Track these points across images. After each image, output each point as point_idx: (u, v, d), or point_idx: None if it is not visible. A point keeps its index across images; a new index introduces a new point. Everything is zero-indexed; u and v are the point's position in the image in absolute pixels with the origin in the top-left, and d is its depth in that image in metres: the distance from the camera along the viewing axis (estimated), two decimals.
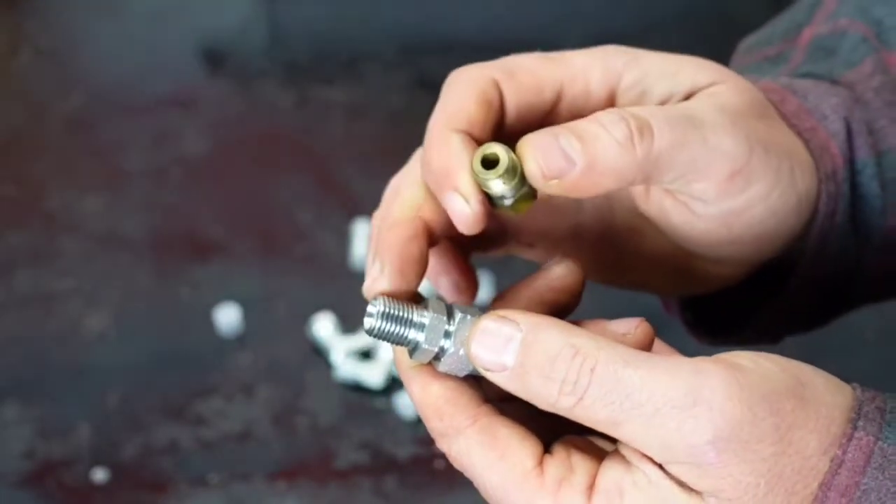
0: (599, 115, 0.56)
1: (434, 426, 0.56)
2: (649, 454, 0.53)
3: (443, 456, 0.57)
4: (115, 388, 1.27)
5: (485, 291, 1.27)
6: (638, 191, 0.62)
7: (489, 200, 0.56)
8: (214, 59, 1.72)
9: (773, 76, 0.68)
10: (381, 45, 1.73)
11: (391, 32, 1.77)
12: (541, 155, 0.55)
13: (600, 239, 0.64)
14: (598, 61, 0.60)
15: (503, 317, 0.54)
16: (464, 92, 0.58)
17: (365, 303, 0.58)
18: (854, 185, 0.65)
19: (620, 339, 0.55)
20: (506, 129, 0.59)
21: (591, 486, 0.54)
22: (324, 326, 1.28)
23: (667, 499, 0.53)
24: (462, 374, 0.56)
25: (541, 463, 0.55)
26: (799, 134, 0.63)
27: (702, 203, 0.59)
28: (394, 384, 1.25)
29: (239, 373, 1.28)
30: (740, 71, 0.67)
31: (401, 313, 0.55)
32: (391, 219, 0.57)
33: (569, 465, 0.54)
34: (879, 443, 0.53)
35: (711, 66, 0.62)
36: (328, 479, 1.18)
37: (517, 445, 0.55)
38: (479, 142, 0.57)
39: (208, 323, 1.32)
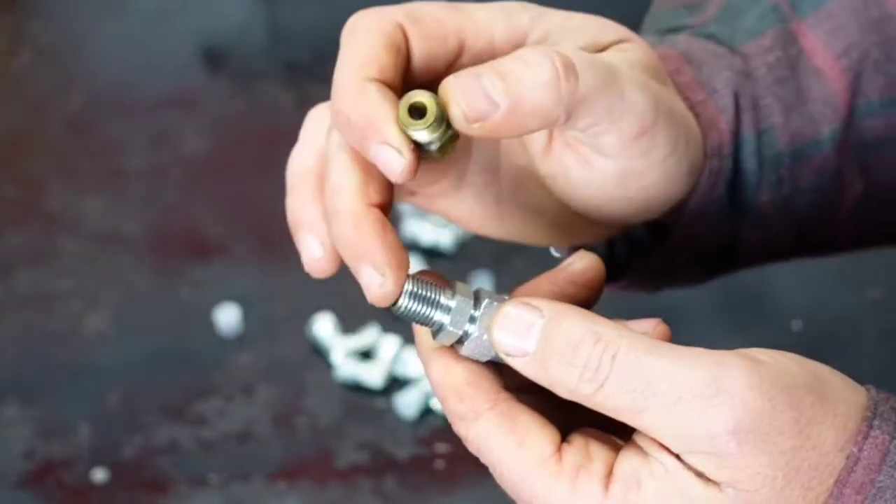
0: (524, 52, 0.55)
1: (453, 408, 0.55)
2: (668, 444, 0.53)
3: (443, 456, 0.57)
4: (115, 388, 1.27)
5: None
6: (538, 144, 0.61)
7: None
8: (214, 59, 1.72)
9: (673, 38, 0.68)
10: None
11: None
12: (464, 98, 0.53)
13: (483, 191, 0.62)
14: (503, 16, 0.59)
15: (527, 303, 0.54)
16: (371, 38, 0.57)
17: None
18: (735, 160, 0.66)
19: None
20: (412, 76, 0.58)
21: (609, 475, 0.54)
22: (324, 326, 1.28)
23: (684, 488, 0.52)
24: (484, 359, 0.56)
25: (559, 450, 0.54)
26: (691, 107, 0.64)
27: (604, 158, 0.59)
28: (394, 384, 1.25)
29: (239, 373, 1.28)
30: (659, 10, 0.67)
31: (429, 294, 0.55)
32: (347, 213, 0.55)
33: (587, 453, 0.54)
34: (895, 441, 0.53)
35: (616, 25, 0.61)
36: (328, 479, 1.18)
37: (537, 432, 0.55)
38: (390, 88, 0.56)
39: (208, 323, 1.32)
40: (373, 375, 1.25)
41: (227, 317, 1.31)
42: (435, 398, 1.22)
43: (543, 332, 0.54)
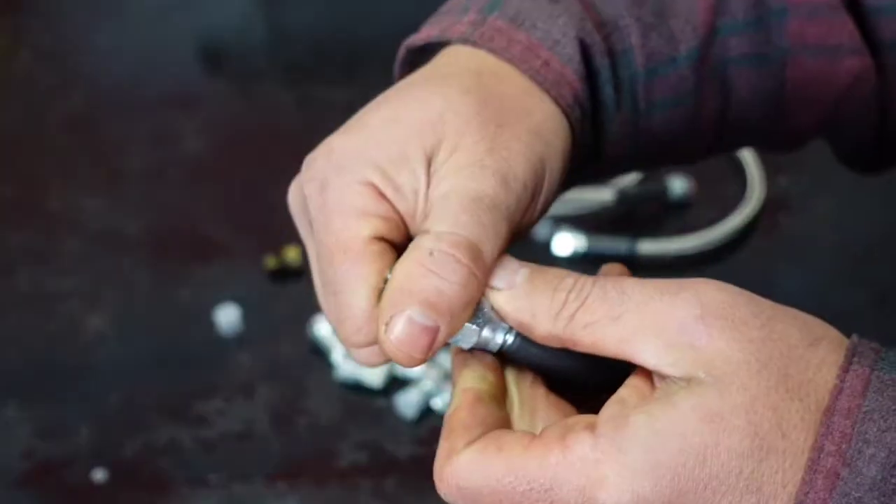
0: (424, 259, 0.58)
1: (440, 444, 0.59)
2: (644, 345, 0.56)
3: None
4: (115, 388, 1.27)
5: None
6: None
7: None
8: (214, 58, 1.72)
9: (503, 3, 0.70)
10: (381, 45, 1.73)
11: (391, 32, 1.77)
12: (412, 347, 0.58)
13: None
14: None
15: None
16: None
17: None
18: (592, 88, 0.70)
19: None
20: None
21: (593, 425, 0.56)
22: (324, 326, 1.28)
23: (669, 403, 0.54)
24: (468, 343, 0.58)
25: (538, 436, 0.57)
26: (532, 76, 0.67)
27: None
28: (394, 384, 1.25)
29: (239, 373, 1.28)
30: None
31: None
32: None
33: (564, 424, 0.57)
34: (875, 372, 0.55)
35: (425, 140, 0.64)
36: (328, 479, 1.18)
37: (510, 435, 0.57)
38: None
39: (208, 323, 1.32)
40: (373, 375, 1.25)
41: (227, 317, 1.31)
42: (435, 399, 1.23)
43: (532, 272, 0.59)
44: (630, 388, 0.57)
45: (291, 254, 1.35)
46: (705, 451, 0.53)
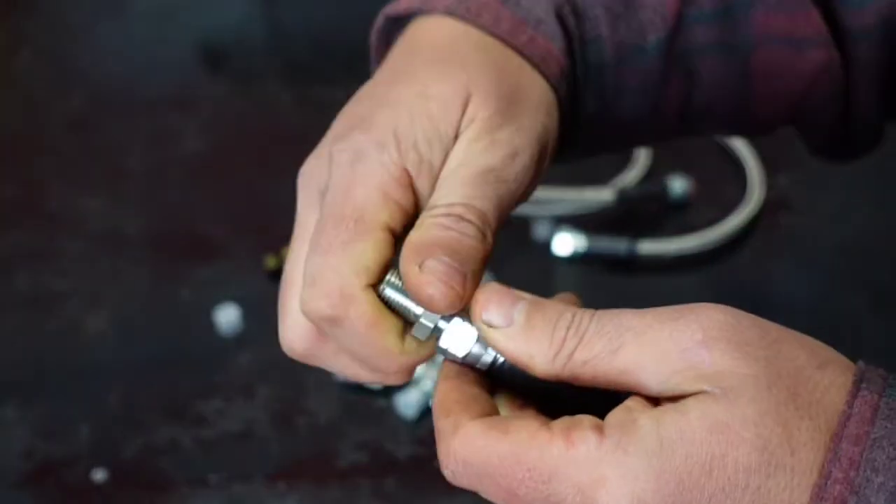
0: (441, 220, 0.60)
1: (441, 424, 0.57)
2: (646, 375, 0.55)
3: None
4: (115, 388, 1.27)
5: None
6: None
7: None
8: (214, 58, 1.72)
9: None
10: None
11: None
12: (449, 281, 0.58)
13: None
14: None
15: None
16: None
17: None
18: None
19: None
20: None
21: (601, 427, 0.55)
22: None
23: (677, 409, 0.54)
24: (461, 351, 0.57)
25: (545, 425, 0.56)
26: (519, 51, 0.68)
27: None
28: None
29: (239, 373, 1.28)
30: None
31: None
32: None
33: (573, 420, 0.56)
34: (884, 398, 0.54)
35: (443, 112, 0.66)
36: (328, 479, 1.18)
37: (518, 420, 0.57)
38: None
39: (208, 323, 1.32)
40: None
41: (227, 317, 1.31)
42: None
43: (530, 309, 0.58)
44: (635, 400, 0.56)
45: None
46: (712, 462, 0.53)
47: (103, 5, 1.82)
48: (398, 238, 0.62)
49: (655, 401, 0.56)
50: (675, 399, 0.54)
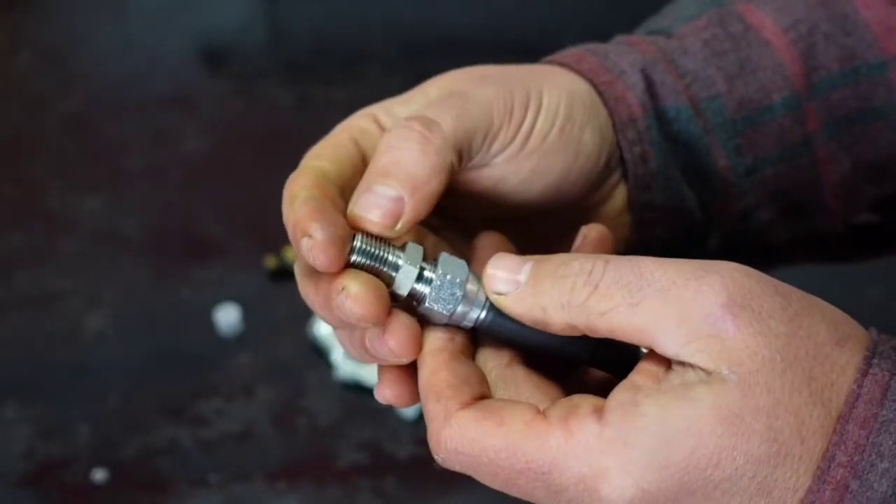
0: (387, 138, 0.58)
1: (431, 408, 0.56)
2: (666, 335, 0.53)
3: None
4: (115, 388, 1.27)
5: None
6: (464, 179, 0.64)
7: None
8: (214, 58, 1.72)
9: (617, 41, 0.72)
10: (381, 45, 1.73)
11: (391, 32, 1.77)
12: (374, 211, 0.56)
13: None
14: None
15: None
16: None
17: None
18: (672, 132, 0.68)
19: None
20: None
21: (600, 410, 0.53)
22: (324, 326, 1.28)
23: (685, 394, 0.52)
24: (446, 312, 0.56)
25: (541, 412, 0.54)
26: (594, 87, 0.66)
27: (505, 163, 0.62)
28: None
29: (239, 373, 1.28)
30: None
31: (378, 250, 0.57)
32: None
33: (571, 404, 0.54)
34: (895, 377, 0.53)
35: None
36: (328, 479, 1.18)
37: (512, 407, 0.55)
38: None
39: (208, 323, 1.32)
40: (373, 375, 1.25)
41: (227, 317, 1.31)
42: None
43: (535, 265, 0.56)
44: (643, 374, 0.54)
45: (291, 254, 1.35)
46: (720, 454, 0.51)
47: (103, 5, 1.82)
48: None
49: (665, 363, 0.54)
50: (685, 365, 0.53)
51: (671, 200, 0.68)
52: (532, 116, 0.62)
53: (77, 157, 1.56)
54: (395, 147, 0.58)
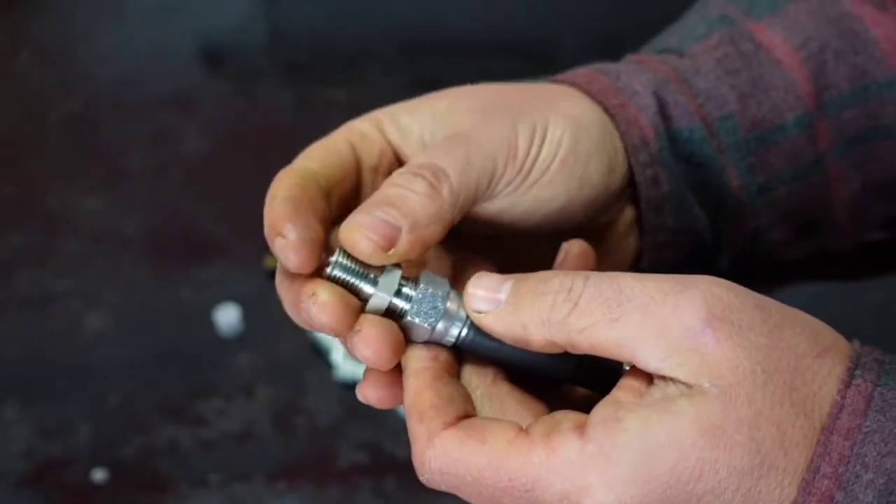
0: (393, 177, 0.59)
1: (415, 429, 0.57)
2: (647, 351, 0.53)
3: None
4: (115, 388, 1.27)
5: None
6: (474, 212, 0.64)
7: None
8: (214, 58, 1.72)
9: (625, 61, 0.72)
10: (381, 45, 1.73)
11: (391, 32, 1.77)
12: (370, 231, 0.56)
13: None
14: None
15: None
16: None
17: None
18: (685, 153, 0.68)
19: None
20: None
21: (582, 426, 0.53)
22: None
23: (666, 408, 0.52)
24: (426, 330, 0.56)
25: (524, 430, 0.54)
26: (605, 110, 0.66)
27: (509, 195, 0.62)
28: None
29: (239, 373, 1.28)
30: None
31: (357, 267, 0.57)
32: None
33: (553, 420, 0.54)
34: (878, 388, 0.53)
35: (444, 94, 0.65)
36: (328, 479, 1.18)
37: (495, 425, 0.55)
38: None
39: (208, 323, 1.32)
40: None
41: (227, 317, 1.31)
42: None
43: (515, 283, 0.56)
44: (625, 390, 0.54)
45: None
46: (703, 467, 0.51)
47: (103, 5, 1.82)
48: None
49: (646, 379, 0.54)
50: (666, 380, 0.53)
51: (683, 222, 0.68)
52: (536, 150, 0.62)
53: (77, 157, 1.56)
54: (403, 186, 0.58)
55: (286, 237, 0.55)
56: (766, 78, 0.70)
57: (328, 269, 0.57)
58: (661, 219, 0.67)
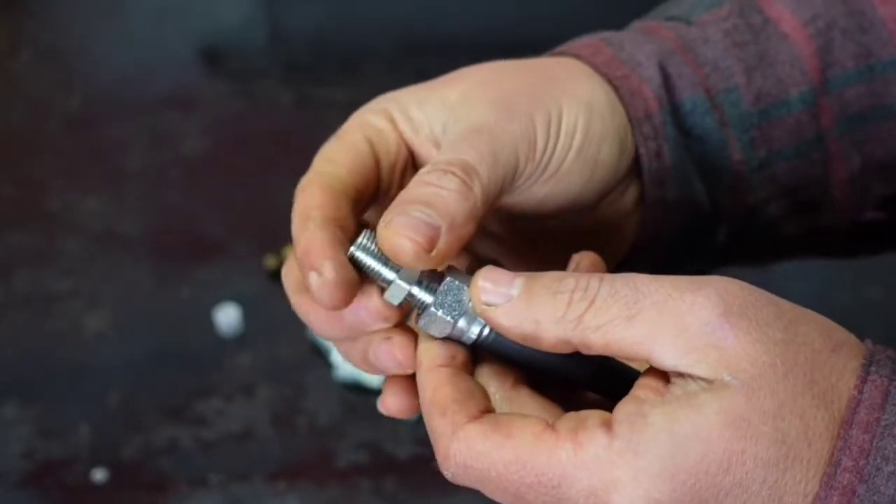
0: (423, 175, 0.58)
1: (437, 423, 0.55)
2: (663, 347, 0.52)
3: None
4: (115, 388, 1.27)
5: None
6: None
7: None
8: (214, 58, 1.72)
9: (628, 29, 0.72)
10: (381, 45, 1.73)
11: (391, 32, 1.77)
12: (413, 232, 0.55)
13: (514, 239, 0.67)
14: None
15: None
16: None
17: None
18: (686, 125, 0.67)
19: None
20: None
21: (609, 423, 0.52)
22: None
23: (690, 403, 0.52)
24: (447, 324, 0.56)
25: (550, 426, 0.54)
26: (609, 81, 0.66)
27: (526, 190, 0.62)
28: None
29: (239, 373, 1.28)
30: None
31: (379, 251, 0.56)
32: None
33: (579, 417, 0.54)
34: (894, 382, 0.53)
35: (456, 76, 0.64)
36: (328, 479, 1.18)
37: (520, 421, 0.54)
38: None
39: (208, 323, 1.32)
40: (373, 376, 1.25)
41: (227, 317, 1.31)
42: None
43: (527, 280, 0.55)
44: (645, 388, 0.53)
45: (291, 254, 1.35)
46: (730, 458, 0.51)
47: (103, 5, 1.82)
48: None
49: (664, 378, 0.54)
50: (685, 377, 0.53)
51: (683, 195, 0.67)
52: (553, 144, 0.62)
53: (77, 157, 1.56)
54: (436, 185, 0.57)
55: (323, 275, 0.54)
56: (773, 52, 0.70)
57: (351, 249, 0.56)
58: (663, 192, 0.67)
